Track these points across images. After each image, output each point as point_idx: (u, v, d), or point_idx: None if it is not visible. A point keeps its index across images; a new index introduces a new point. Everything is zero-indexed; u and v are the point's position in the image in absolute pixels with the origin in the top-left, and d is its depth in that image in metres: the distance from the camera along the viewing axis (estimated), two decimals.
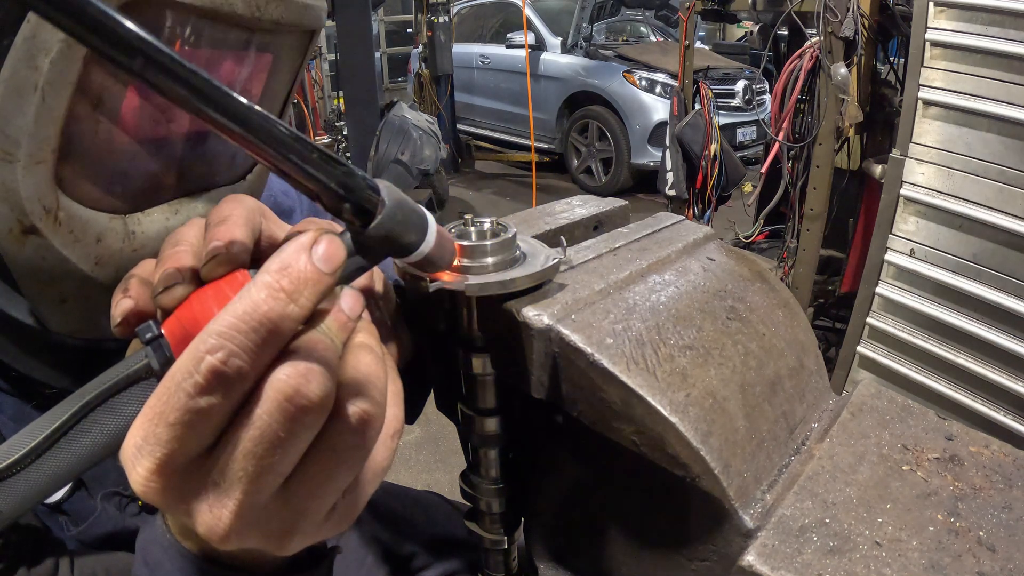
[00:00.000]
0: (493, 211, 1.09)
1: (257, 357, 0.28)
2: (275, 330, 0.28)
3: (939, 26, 2.04)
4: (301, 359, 0.29)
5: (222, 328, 0.28)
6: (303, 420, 0.29)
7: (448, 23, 6.48)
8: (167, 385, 0.28)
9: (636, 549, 0.50)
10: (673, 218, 0.66)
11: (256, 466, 0.29)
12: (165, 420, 0.28)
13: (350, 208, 0.30)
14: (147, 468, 0.29)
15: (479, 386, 0.52)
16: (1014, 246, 1.96)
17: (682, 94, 3.59)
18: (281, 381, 0.29)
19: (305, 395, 0.29)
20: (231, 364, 0.28)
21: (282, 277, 0.29)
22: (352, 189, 0.30)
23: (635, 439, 0.43)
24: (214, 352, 0.27)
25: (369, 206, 0.31)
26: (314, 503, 0.32)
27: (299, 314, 0.29)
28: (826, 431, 0.50)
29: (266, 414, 0.29)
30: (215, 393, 0.28)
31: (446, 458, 2.62)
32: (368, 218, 0.31)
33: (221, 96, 0.25)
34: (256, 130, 0.26)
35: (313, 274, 0.29)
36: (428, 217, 0.34)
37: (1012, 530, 0.42)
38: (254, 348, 0.28)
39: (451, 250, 0.37)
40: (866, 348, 2.44)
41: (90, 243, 0.50)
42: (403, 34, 11.34)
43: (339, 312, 0.32)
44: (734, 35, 9.76)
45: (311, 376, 0.29)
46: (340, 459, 0.32)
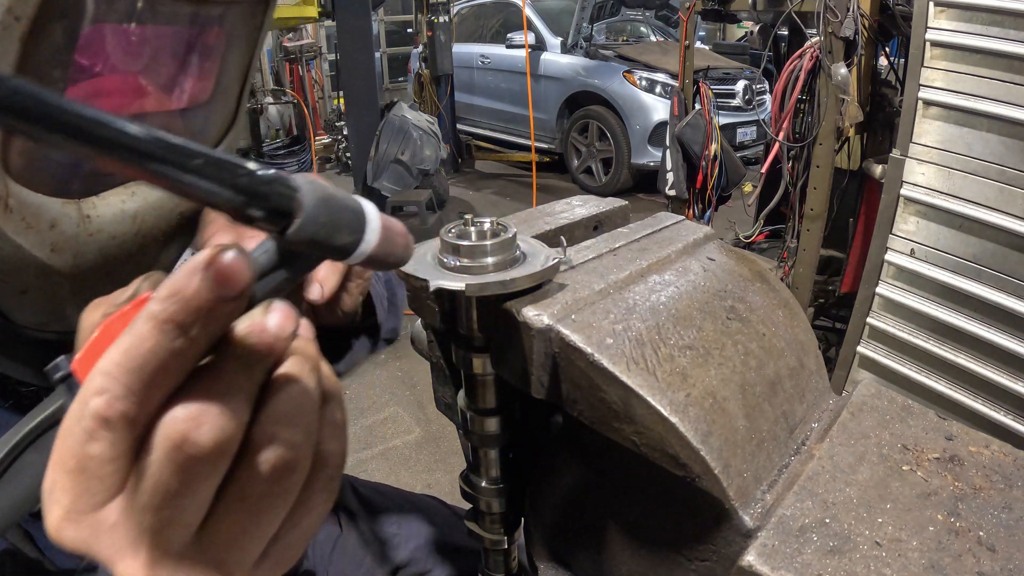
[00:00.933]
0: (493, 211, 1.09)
1: (144, 399, 0.25)
2: (162, 369, 0.25)
3: (939, 26, 2.04)
4: (196, 399, 0.26)
5: (107, 367, 0.25)
6: (196, 471, 0.26)
7: (448, 23, 6.48)
8: (63, 429, 0.26)
9: (636, 549, 0.50)
10: (673, 218, 0.66)
11: (155, 519, 0.26)
12: (64, 467, 0.26)
13: (260, 215, 0.26)
14: (56, 516, 0.27)
15: (479, 386, 0.52)
16: (1014, 246, 1.96)
17: (682, 94, 3.59)
18: (169, 427, 0.26)
19: (195, 443, 0.25)
20: (115, 409, 0.25)
21: (170, 305, 0.25)
22: (258, 194, 0.25)
23: (635, 439, 0.43)
24: (100, 395, 0.25)
25: (284, 209, 0.26)
26: (234, 554, 0.29)
27: (191, 349, 0.25)
28: (826, 431, 0.50)
29: (156, 463, 0.26)
30: (102, 440, 0.25)
31: (446, 458, 2.62)
32: (287, 221, 0.27)
33: (50, 107, 0.21)
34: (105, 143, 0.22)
35: (207, 300, 0.25)
36: (367, 211, 0.30)
37: (1012, 530, 0.42)
38: (139, 390, 0.25)
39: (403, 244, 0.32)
40: (866, 348, 2.43)
41: (44, 230, 0.48)
42: (403, 34, 11.34)
43: (262, 333, 0.27)
44: (734, 35, 9.76)
45: (203, 419, 0.25)
46: (254, 509, 0.28)
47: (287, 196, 0.26)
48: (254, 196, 0.25)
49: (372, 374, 3.25)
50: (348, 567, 0.89)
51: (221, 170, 0.24)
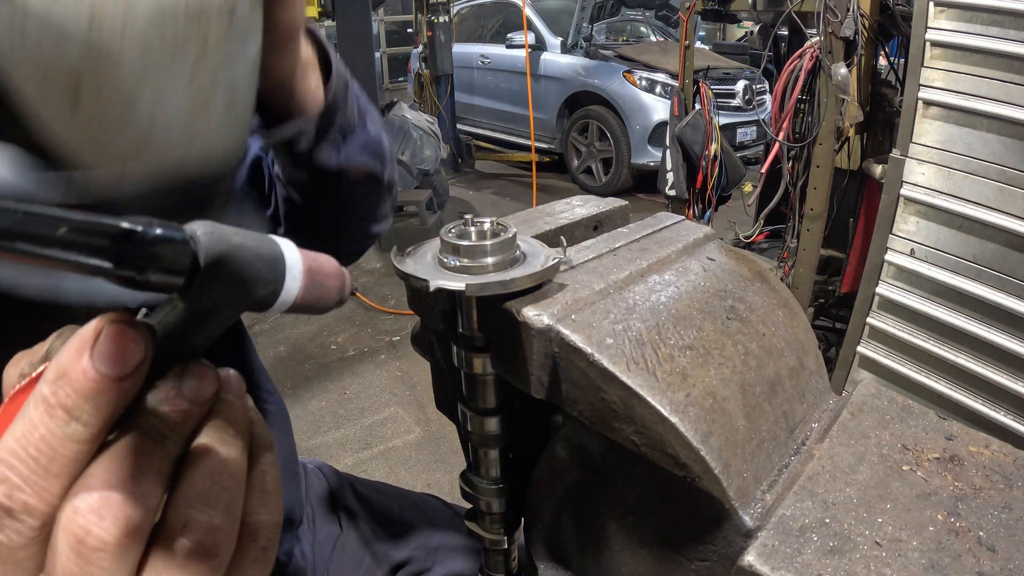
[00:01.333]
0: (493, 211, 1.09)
1: (43, 489, 0.24)
2: (56, 456, 0.23)
3: (939, 26, 2.04)
4: (98, 486, 0.24)
5: (3, 454, 0.24)
6: (102, 564, 0.24)
7: (448, 23, 6.48)
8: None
9: (636, 549, 0.50)
10: (673, 218, 0.66)
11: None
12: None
13: (154, 279, 0.22)
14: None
15: (479, 386, 0.52)
16: (1014, 246, 1.96)
17: (682, 94, 3.59)
18: (70, 520, 0.24)
19: (97, 536, 0.24)
20: (15, 499, 0.23)
21: (59, 389, 0.23)
22: (145, 257, 0.21)
23: (635, 439, 0.43)
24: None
25: (179, 268, 0.23)
26: None
27: (85, 433, 0.24)
28: (826, 431, 0.50)
29: (63, 556, 0.24)
30: (8, 529, 0.24)
31: (446, 458, 2.62)
32: (190, 279, 0.23)
33: None
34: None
35: (96, 382, 0.23)
36: (286, 256, 0.27)
37: (1012, 530, 0.42)
38: (36, 479, 0.23)
39: (335, 288, 0.29)
40: (866, 348, 2.44)
41: None
42: (403, 34, 11.34)
43: (175, 400, 0.25)
44: (734, 35, 9.76)
45: (105, 511, 0.24)
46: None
47: (181, 253, 0.23)
48: (142, 260, 0.22)
49: (372, 374, 3.25)
50: (348, 566, 0.89)
51: (91, 238, 0.21)
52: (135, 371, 0.24)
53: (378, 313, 3.87)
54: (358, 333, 3.68)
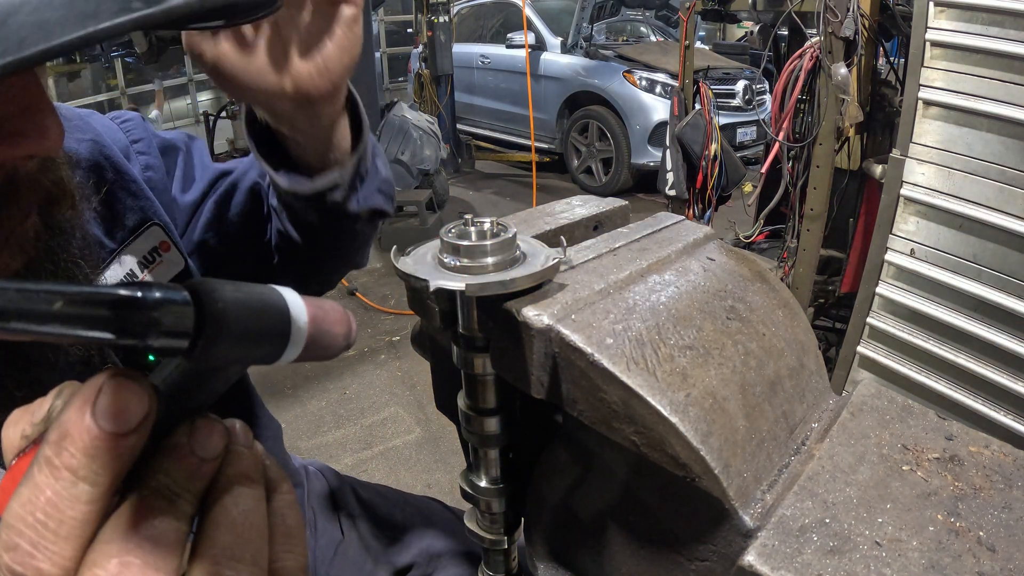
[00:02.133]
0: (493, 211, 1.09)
1: (55, 552, 0.23)
2: (64, 519, 0.23)
3: (939, 26, 2.04)
4: (114, 552, 0.23)
5: (10, 520, 0.23)
6: None
7: (448, 23, 6.47)
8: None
9: (636, 549, 0.50)
10: (673, 218, 0.66)
11: None
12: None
13: (156, 345, 0.22)
14: None
15: (479, 386, 0.52)
16: (1014, 246, 1.96)
17: (682, 94, 3.59)
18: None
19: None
20: (27, 566, 0.23)
21: (61, 450, 0.22)
22: (142, 325, 0.21)
23: (635, 439, 0.43)
24: (8, 550, 0.23)
25: (183, 331, 0.22)
26: None
27: (93, 493, 0.23)
28: (826, 431, 0.50)
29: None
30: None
31: (446, 458, 2.62)
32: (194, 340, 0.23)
33: None
34: None
35: (100, 439, 0.22)
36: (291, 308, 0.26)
37: (1012, 530, 0.42)
38: (47, 543, 0.23)
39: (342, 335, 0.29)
40: (866, 348, 2.43)
41: None
42: (403, 34, 11.34)
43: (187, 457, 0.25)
44: (734, 35, 9.76)
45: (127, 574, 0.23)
46: None
47: (183, 316, 0.22)
48: (143, 328, 0.21)
49: (372, 374, 3.25)
50: (349, 571, 0.89)
51: (91, 310, 0.20)
52: (139, 426, 0.23)
53: (378, 313, 3.87)
54: (358, 333, 3.68)
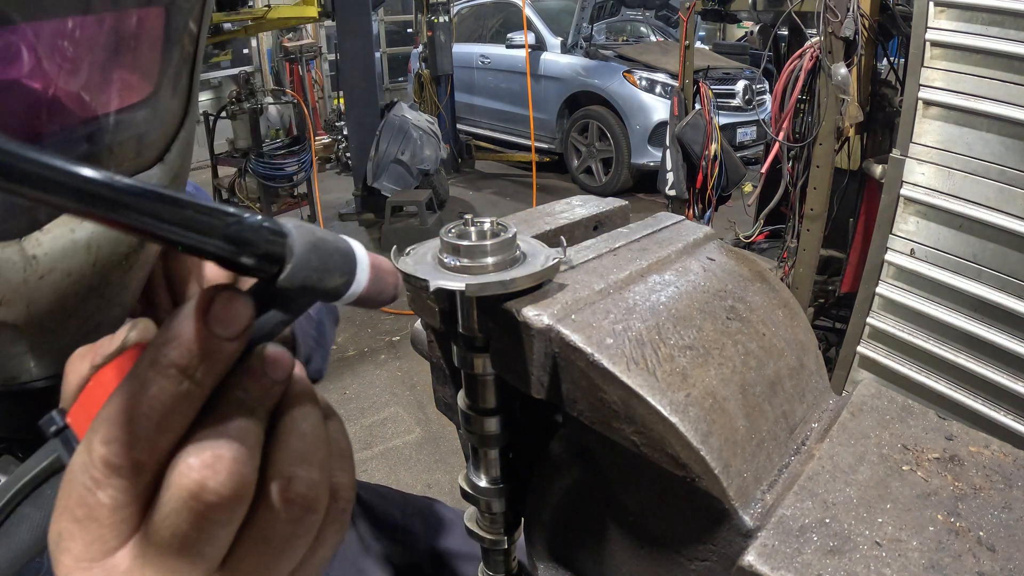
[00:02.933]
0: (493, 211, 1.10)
1: (153, 445, 0.25)
2: (168, 413, 0.25)
3: (939, 26, 2.04)
4: (208, 445, 0.25)
5: (111, 413, 0.25)
6: (214, 518, 0.25)
7: (448, 23, 6.48)
8: (69, 478, 0.26)
9: (636, 549, 0.50)
10: (673, 218, 0.66)
11: (173, 565, 0.26)
12: (72, 516, 0.26)
13: (252, 262, 0.25)
14: (66, 565, 0.26)
15: (479, 386, 0.52)
16: (1014, 246, 1.96)
17: (682, 94, 3.59)
18: (184, 475, 0.25)
19: (213, 490, 0.25)
20: (124, 456, 0.24)
21: (171, 350, 0.24)
22: (248, 241, 0.25)
23: (635, 439, 0.43)
24: (105, 443, 0.24)
25: (275, 255, 0.26)
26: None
27: (196, 392, 0.25)
28: (826, 431, 0.50)
29: (173, 513, 0.25)
30: (112, 488, 0.25)
31: (446, 458, 2.62)
32: (279, 267, 0.26)
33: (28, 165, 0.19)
34: (95, 199, 0.21)
35: (208, 342, 0.25)
36: (357, 254, 0.30)
37: (1012, 530, 0.42)
38: (147, 436, 0.24)
39: (392, 284, 0.32)
40: (866, 348, 2.44)
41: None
42: (403, 34, 11.35)
43: (261, 378, 0.27)
44: (734, 35, 9.76)
45: (219, 466, 0.25)
46: (275, 550, 0.28)
47: (277, 242, 0.26)
48: (244, 244, 0.25)
49: (372, 374, 3.25)
50: (349, 571, 0.89)
51: (210, 219, 0.24)
52: (241, 334, 0.25)
53: (378, 313, 3.87)
54: (358, 333, 3.68)
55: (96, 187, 0.21)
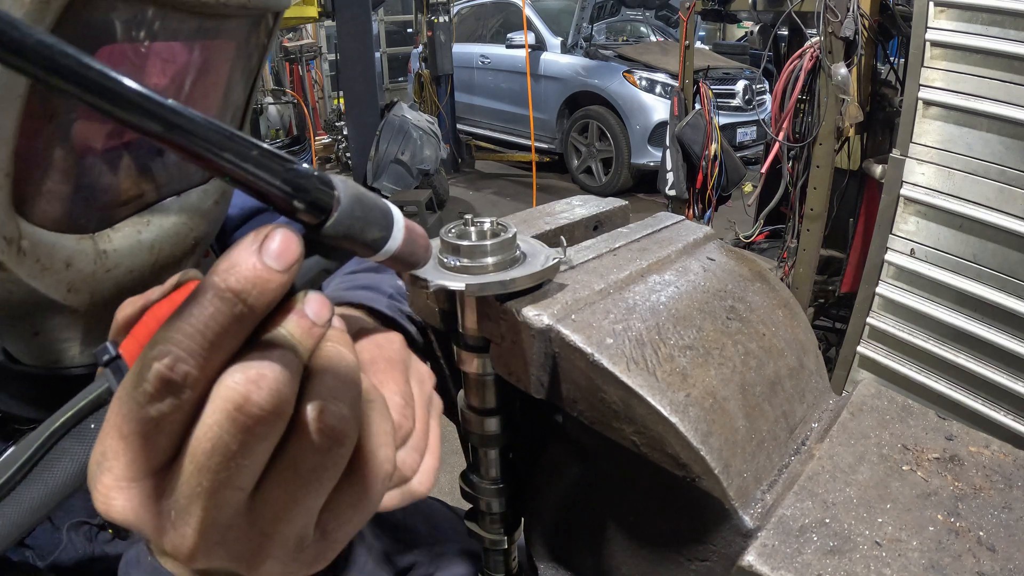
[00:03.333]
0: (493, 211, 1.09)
1: (206, 361, 0.27)
2: (223, 332, 0.26)
3: (939, 26, 2.04)
4: (254, 364, 0.27)
5: (168, 333, 0.26)
6: (255, 431, 0.27)
7: (448, 23, 6.48)
8: (120, 396, 0.27)
9: (636, 549, 0.50)
10: (673, 218, 0.66)
11: (212, 481, 0.27)
12: (119, 432, 0.27)
13: (303, 207, 0.28)
14: (106, 484, 0.28)
15: (479, 386, 0.52)
16: (1014, 246, 1.96)
17: (682, 94, 3.59)
18: (229, 388, 0.27)
19: (255, 403, 0.27)
20: (178, 369, 0.26)
21: (229, 276, 0.27)
22: (302, 187, 0.28)
23: (635, 439, 0.43)
24: (160, 358, 0.26)
25: (324, 203, 0.29)
26: (281, 526, 0.30)
27: (249, 315, 0.27)
28: (826, 431, 0.50)
29: (216, 424, 0.27)
30: (164, 401, 0.27)
31: (446, 458, 2.61)
32: (325, 215, 0.29)
33: (133, 94, 0.22)
34: (183, 130, 0.24)
35: (263, 272, 0.27)
36: (394, 212, 0.33)
37: (1012, 530, 0.42)
38: (202, 352, 0.26)
39: (424, 245, 0.35)
40: (866, 348, 2.44)
41: (59, 270, 0.46)
42: (403, 34, 11.35)
43: (302, 318, 0.29)
44: (734, 35, 9.77)
45: (262, 382, 0.27)
46: (304, 479, 0.30)
47: (327, 192, 0.28)
48: (300, 189, 0.27)
49: None
50: (349, 571, 0.89)
51: (273, 163, 0.27)
52: (291, 267, 0.28)
53: None
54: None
55: (179, 118, 0.24)
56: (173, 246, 0.56)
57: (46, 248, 0.45)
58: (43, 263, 0.45)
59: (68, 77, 0.21)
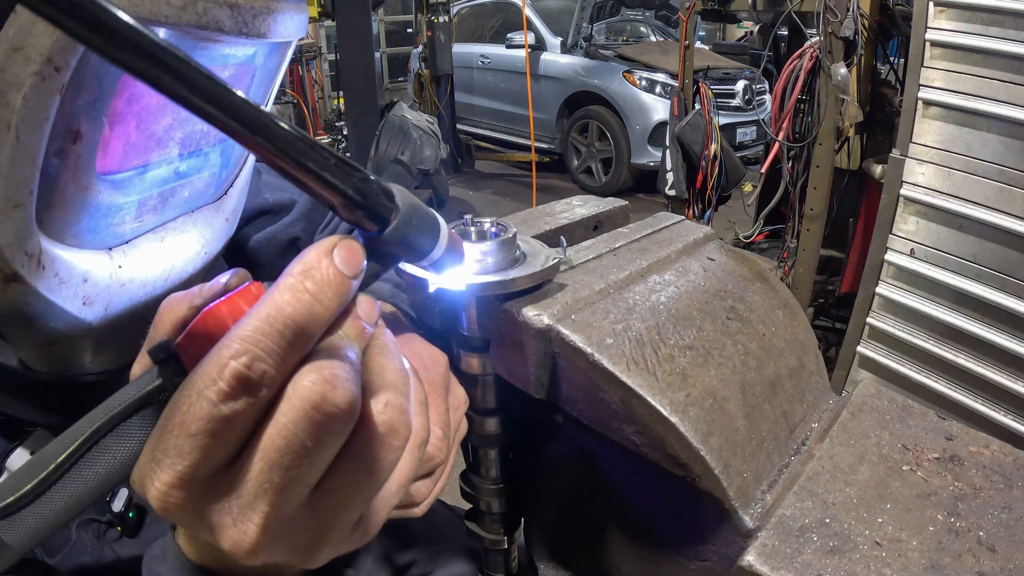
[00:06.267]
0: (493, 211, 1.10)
1: (283, 361, 0.27)
2: (301, 332, 0.28)
3: (939, 26, 2.04)
4: (326, 364, 0.28)
5: (246, 332, 0.27)
6: (330, 428, 0.28)
7: (448, 23, 6.48)
8: (187, 394, 0.27)
9: (636, 549, 0.50)
10: (673, 218, 0.66)
11: (283, 477, 0.28)
12: (186, 430, 0.27)
13: (365, 214, 0.30)
14: (166, 482, 0.28)
15: (479, 386, 0.52)
16: (1014, 246, 1.96)
17: (682, 94, 3.59)
18: (307, 388, 0.28)
19: (332, 402, 0.28)
20: (256, 368, 0.27)
21: (305, 279, 0.28)
22: (368, 196, 0.29)
23: (635, 439, 0.43)
24: (238, 357, 0.27)
25: (384, 212, 0.30)
26: (342, 514, 0.31)
27: (324, 316, 0.28)
28: (826, 431, 0.50)
29: (292, 423, 0.28)
30: (240, 399, 0.27)
31: None
32: (383, 224, 0.31)
33: (240, 105, 0.24)
34: (275, 139, 0.26)
35: (336, 276, 0.28)
36: (440, 221, 0.35)
37: (1012, 530, 0.42)
38: (280, 352, 0.27)
39: (461, 252, 0.37)
40: (866, 348, 2.44)
41: (76, 283, 0.47)
42: (403, 34, 11.35)
43: (356, 319, 0.31)
44: (734, 35, 9.76)
45: (337, 382, 0.28)
46: (368, 469, 0.31)
47: (387, 203, 0.31)
48: (367, 197, 0.29)
49: None
50: (349, 571, 0.89)
51: (346, 171, 0.28)
52: (357, 274, 0.29)
53: None
54: None
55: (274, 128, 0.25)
56: (185, 261, 0.59)
57: (64, 263, 0.46)
58: (61, 277, 0.46)
59: (179, 79, 0.22)
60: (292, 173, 0.27)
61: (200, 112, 0.24)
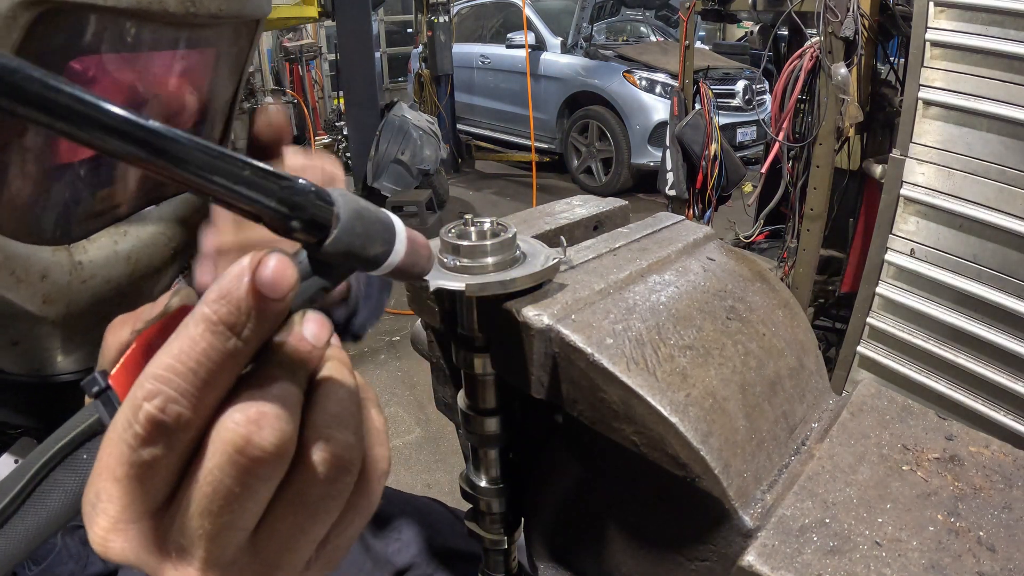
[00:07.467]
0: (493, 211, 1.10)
1: (199, 401, 0.25)
2: (215, 370, 0.25)
3: (939, 26, 2.04)
4: (253, 402, 0.26)
5: (157, 371, 0.25)
6: (258, 473, 0.26)
7: (448, 23, 6.47)
8: (111, 437, 0.26)
9: (636, 549, 0.50)
10: (673, 218, 0.66)
11: (214, 524, 0.26)
12: (112, 475, 0.26)
13: (299, 226, 0.26)
14: (101, 527, 0.27)
15: (479, 386, 0.52)
16: (1014, 246, 1.96)
17: (682, 94, 3.59)
18: (229, 430, 0.25)
19: (257, 445, 0.25)
20: (169, 411, 0.25)
21: (220, 307, 0.25)
22: (297, 205, 0.26)
23: (635, 439, 0.43)
24: (150, 399, 0.25)
25: (322, 221, 0.27)
26: (287, 556, 0.29)
27: (243, 349, 0.26)
28: (826, 431, 0.50)
29: (216, 468, 0.26)
30: (157, 444, 0.25)
31: (446, 458, 2.62)
32: (324, 233, 0.27)
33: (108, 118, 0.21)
34: (164, 153, 0.22)
35: (257, 302, 0.25)
36: (396, 224, 0.31)
37: (1012, 530, 0.42)
38: (194, 392, 0.25)
39: (426, 256, 0.33)
40: (866, 348, 2.43)
41: (34, 281, 0.46)
42: (403, 34, 11.35)
43: (301, 341, 0.27)
44: (734, 35, 9.75)
45: (263, 422, 0.25)
46: (310, 511, 0.29)
47: (325, 208, 0.27)
48: (295, 207, 0.26)
49: (372, 374, 3.25)
50: (349, 571, 0.89)
51: (267, 181, 0.25)
52: (286, 295, 0.26)
53: None
54: None
55: (164, 141, 0.22)
56: (151, 256, 0.56)
57: (21, 260, 0.45)
58: (18, 275, 0.45)
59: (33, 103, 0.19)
60: (198, 190, 0.24)
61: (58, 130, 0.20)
